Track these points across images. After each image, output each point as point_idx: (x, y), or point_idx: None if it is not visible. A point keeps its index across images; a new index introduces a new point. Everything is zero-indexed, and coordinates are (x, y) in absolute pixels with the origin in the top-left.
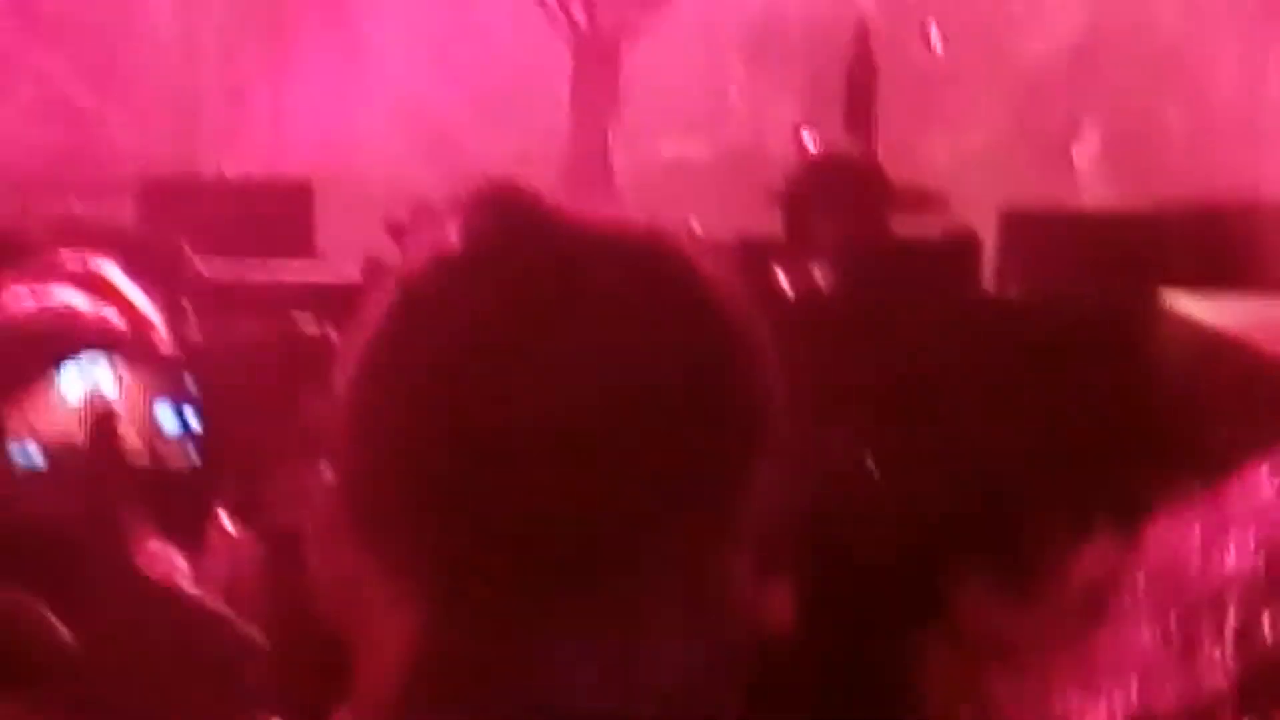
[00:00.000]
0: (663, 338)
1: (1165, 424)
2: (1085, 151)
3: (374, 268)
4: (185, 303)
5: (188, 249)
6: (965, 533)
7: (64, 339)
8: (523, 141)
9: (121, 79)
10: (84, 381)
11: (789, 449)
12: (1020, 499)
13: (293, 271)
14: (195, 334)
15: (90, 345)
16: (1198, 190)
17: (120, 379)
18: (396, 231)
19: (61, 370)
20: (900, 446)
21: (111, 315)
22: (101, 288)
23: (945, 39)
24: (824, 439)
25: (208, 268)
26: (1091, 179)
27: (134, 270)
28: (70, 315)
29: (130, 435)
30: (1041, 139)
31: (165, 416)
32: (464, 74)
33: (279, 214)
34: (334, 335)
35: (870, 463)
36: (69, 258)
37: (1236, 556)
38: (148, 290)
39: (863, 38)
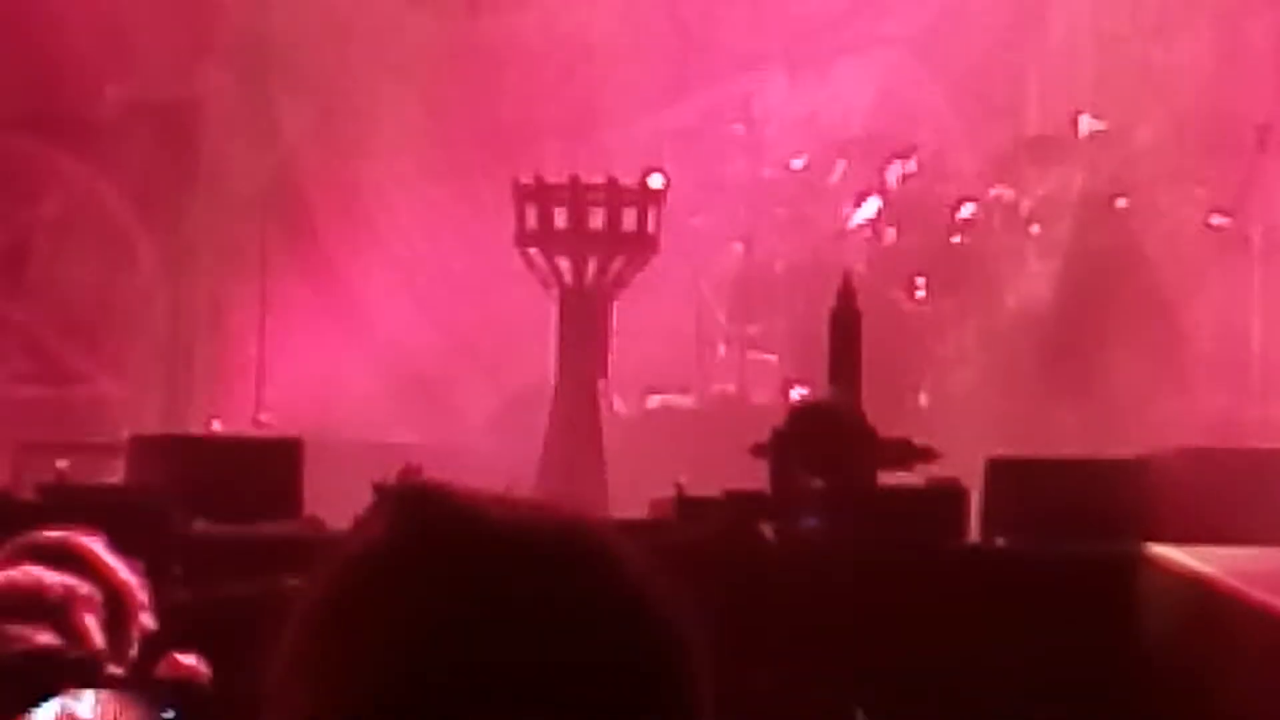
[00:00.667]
0: (581, 645)
1: (1155, 673)
2: (1068, 399)
3: None
4: (175, 565)
5: (177, 510)
6: None
7: (47, 677)
8: (513, 395)
9: (112, 339)
10: (60, 713)
11: None
12: None
13: (281, 529)
14: (183, 595)
15: (73, 683)
16: (1182, 437)
17: (99, 712)
18: (383, 492)
19: (44, 703)
20: (890, 698)
21: (94, 596)
22: (85, 564)
23: (929, 289)
24: (813, 690)
25: (198, 526)
26: (1074, 425)
27: (122, 533)
28: (56, 653)
29: None
30: (1026, 386)
31: None
32: (452, 328)
33: (268, 472)
34: None
35: (860, 716)
36: (54, 534)
37: None
38: (135, 552)
39: (847, 288)
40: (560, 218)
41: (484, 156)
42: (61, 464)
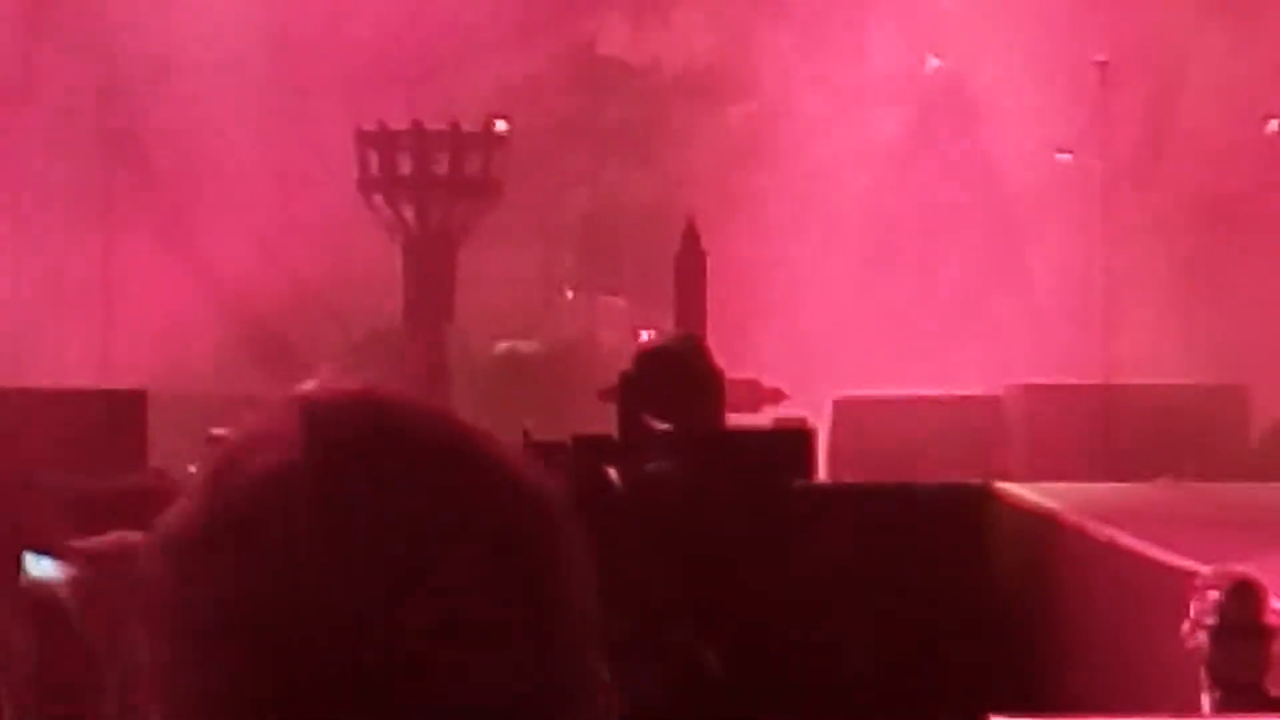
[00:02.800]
0: (455, 510)
1: (1002, 604)
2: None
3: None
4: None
5: (19, 462)
6: None
7: None
8: (359, 342)
9: None
10: None
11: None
12: (865, 685)
13: (126, 481)
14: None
15: None
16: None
17: None
18: (219, 444)
19: None
20: (742, 639)
21: None
22: None
23: (775, 230)
24: (665, 634)
25: (41, 478)
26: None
27: None
28: None
29: None
30: (877, 325)
31: None
32: (298, 277)
33: (111, 424)
34: None
35: (711, 656)
36: None
37: None
38: None
39: (691, 231)
40: (404, 164)
41: (329, 105)
42: None
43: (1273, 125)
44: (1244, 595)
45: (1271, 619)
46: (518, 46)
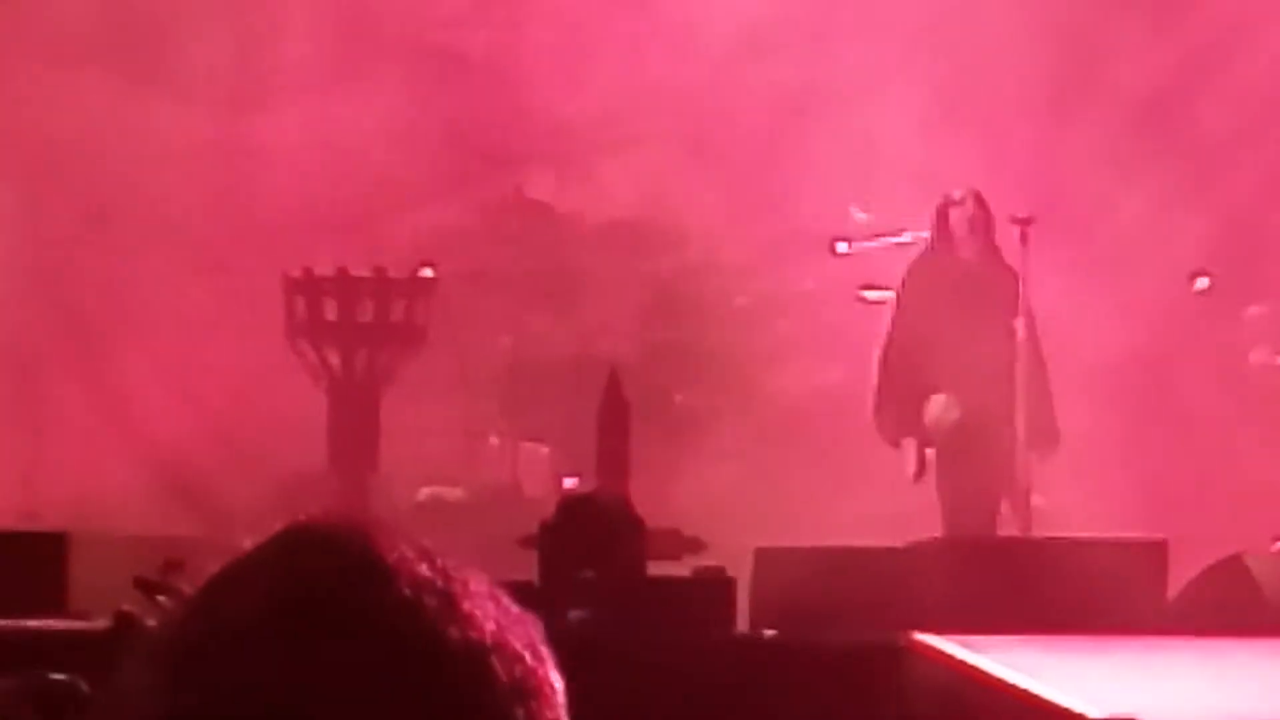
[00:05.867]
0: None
1: None
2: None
3: (124, 620)
4: None
5: None
6: None
7: None
8: (281, 488)
9: None
10: None
11: None
12: None
13: (47, 624)
14: None
15: None
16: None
17: None
18: (145, 586)
19: None
20: None
21: None
22: None
23: (700, 380)
24: None
25: None
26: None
27: None
28: None
29: None
30: (797, 475)
31: None
32: (221, 423)
33: (33, 566)
34: (83, 685)
35: None
36: None
37: None
38: None
39: (614, 381)
40: (329, 310)
41: (254, 252)
42: None
43: (1200, 283)
44: None
45: None
46: (444, 196)
